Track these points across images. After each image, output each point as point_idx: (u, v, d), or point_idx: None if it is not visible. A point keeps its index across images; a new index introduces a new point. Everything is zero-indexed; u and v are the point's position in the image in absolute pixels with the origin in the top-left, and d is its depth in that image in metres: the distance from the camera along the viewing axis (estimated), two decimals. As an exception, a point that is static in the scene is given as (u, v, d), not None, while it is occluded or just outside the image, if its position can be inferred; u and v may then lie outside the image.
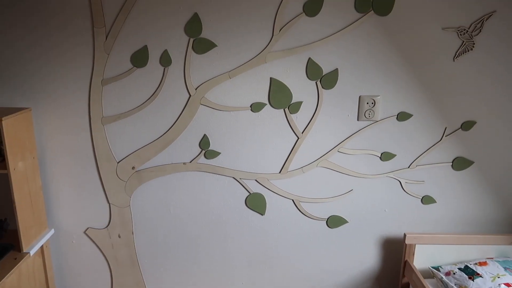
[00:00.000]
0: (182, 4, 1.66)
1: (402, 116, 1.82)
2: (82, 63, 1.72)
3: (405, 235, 1.90)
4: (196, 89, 1.77)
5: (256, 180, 1.91)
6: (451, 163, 1.90)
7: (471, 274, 1.75)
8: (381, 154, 1.88)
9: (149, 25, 1.68)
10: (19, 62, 1.72)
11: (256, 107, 1.80)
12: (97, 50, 1.70)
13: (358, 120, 1.83)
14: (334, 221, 1.98)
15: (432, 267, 1.90)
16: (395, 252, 2.04)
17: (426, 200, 1.95)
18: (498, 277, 1.71)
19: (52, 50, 1.70)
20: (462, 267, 1.82)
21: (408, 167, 1.90)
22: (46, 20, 1.67)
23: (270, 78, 1.77)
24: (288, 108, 1.81)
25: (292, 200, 1.95)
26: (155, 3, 1.65)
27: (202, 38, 1.70)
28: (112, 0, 1.65)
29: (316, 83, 1.78)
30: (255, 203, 1.94)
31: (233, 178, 1.90)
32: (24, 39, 1.69)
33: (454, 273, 1.79)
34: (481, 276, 1.73)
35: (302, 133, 1.85)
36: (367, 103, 1.80)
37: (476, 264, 1.82)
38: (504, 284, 1.66)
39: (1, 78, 1.74)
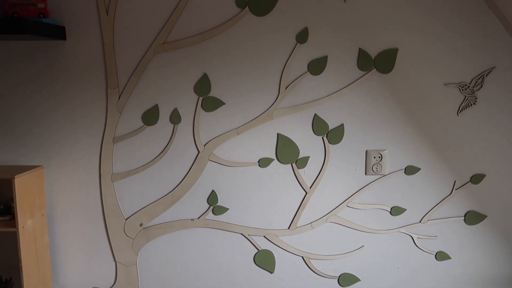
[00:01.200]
0: (192, 65, 1.74)
1: (410, 170, 1.82)
2: (95, 122, 1.78)
3: (420, 294, 1.83)
4: (204, 146, 1.81)
5: (264, 237, 1.88)
6: (463, 218, 1.86)
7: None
8: (391, 208, 1.86)
9: (160, 85, 1.76)
10: (32, 120, 1.78)
11: (263, 162, 1.82)
12: (110, 110, 1.77)
13: (366, 174, 1.83)
14: (346, 279, 1.91)
15: (452, 329, 1.81)
16: (411, 313, 1.94)
17: (440, 256, 1.89)
18: None
19: (65, 109, 1.77)
20: (484, 329, 1.72)
21: (420, 222, 1.87)
22: (60, 80, 1.75)
23: (277, 134, 1.80)
24: (295, 163, 1.82)
25: (302, 257, 1.90)
26: (167, 64, 1.74)
27: (211, 96, 1.77)
28: (125, 63, 1.74)
29: (322, 138, 1.81)
30: (264, 260, 1.90)
31: (242, 234, 1.88)
32: (37, 97, 1.76)
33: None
34: None
35: (310, 188, 1.84)
36: (374, 157, 1.81)
37: (498, 325, 1.73)
38: None
39: (14, 135, 1.79)
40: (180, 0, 1.69)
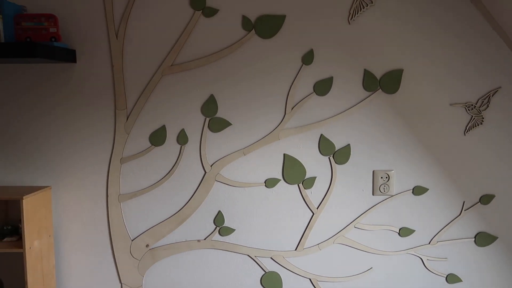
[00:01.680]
0: (199, 87, 1.76)
1: (418, 190, 1.81)
2: (103, 143, 1.80)
3: (432, 318, 1.78)
4: (211, 166, 1.81)
5: (271, 258, 1.86)
6: (473, 239, 1.83)
7: None
8: (400, 229, 1.83)
9: (167, 106, 1.78)
10: (41, 141, 1.80)
11: (270, 183, 1.82)
12: (118, 130, 1.79)
13: (373, 194, 1.82)
14: (354, 303, 1.88)
15: None
16: (423, 338, 1.89)
17: (451, 279, 1.85)
18: None
19: (74, 130, 1.79)
20: None
21: (429, 243, 1.84)
22: (70, 101, 1.78)
23: (284, 154, 1.80)
24: (302, 183, 1.82)
25: (310, 279, 1.87)
26: (174, 86, 1.77)
27: (218, 117, 1.78)
28: (134, 84, 1.77)
29: (329, 158, 1.81)
30: (271, 283, 1.87)
31: (248, 255, 1.86)
32: (46, 118, 1.79)
33: None
34: None
35: (317, 208, 1.83)
36: (381, 177, 1.80)
37: None
38: None
39: (22, 156, 1.80)
40: (188, 23, 1.73)
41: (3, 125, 1.79)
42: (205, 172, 1.81)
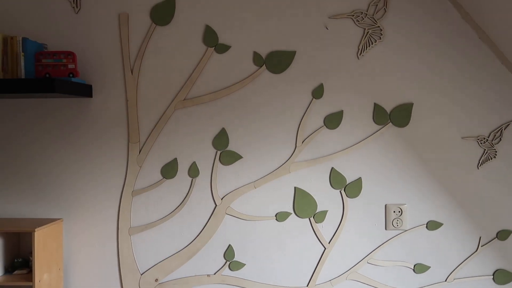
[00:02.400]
0: (211, 120, 1.79)
1: (432, 225, 1.77)
2: (115, 175, 1.82)
3: None
4: (222, 199, 1.81)
5: (282, 294, 1.82)
6: (492, 276, 1.77)
7: None
8: (414, 265, 1.78)
9: (179, 139, 1.80)
10: (54, 173, 1.82)
11: (281, 216, 1.80)
12: (130, 163, 1.81)
13: (386, 229, 1.79)
14: None
15: None
16: None
17: (470, 318, 1.78)
18: None
19: (87, 162, 1.82)
20: None
21: (445, 281, 1.78)
22: (84, 135, 1.81)
23: (294, 187, 1.80)
24: (313, 217, 1.80)
25: (322, 317, 1.82)
26: (186, 120, 1.80)
27: (229, 150, 1.80)
28: (147, 118, 1.80)
29: (340, 192, 1.79)
30: (282, 320, 1.82)
31: (259, 292, 1.82)
32: (60, 150, 1.82)
33: None
34: None
35: (329, 243, 1.80)
36: (394, 211, 1.77)
37: None
38: None
39: (35, 188, 1.83)
40: (200, 59, 1.78)
41: (17, 157, 1.83)
42: (216, 205, 1.81)
